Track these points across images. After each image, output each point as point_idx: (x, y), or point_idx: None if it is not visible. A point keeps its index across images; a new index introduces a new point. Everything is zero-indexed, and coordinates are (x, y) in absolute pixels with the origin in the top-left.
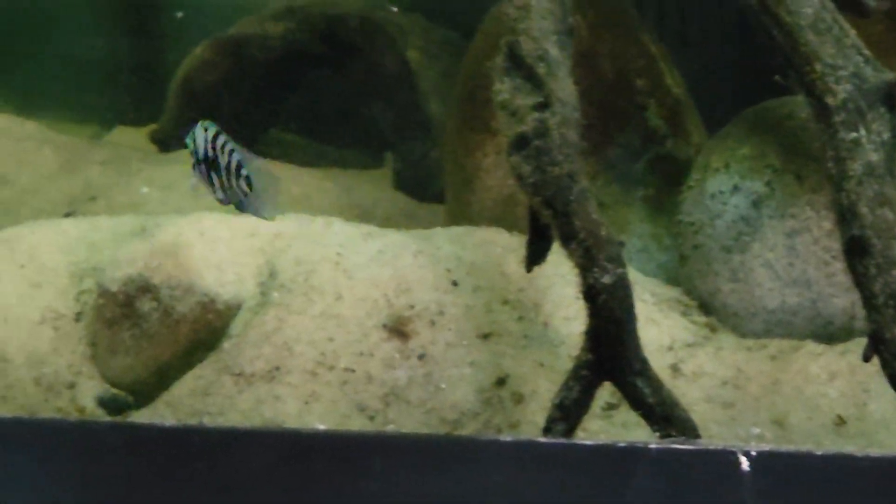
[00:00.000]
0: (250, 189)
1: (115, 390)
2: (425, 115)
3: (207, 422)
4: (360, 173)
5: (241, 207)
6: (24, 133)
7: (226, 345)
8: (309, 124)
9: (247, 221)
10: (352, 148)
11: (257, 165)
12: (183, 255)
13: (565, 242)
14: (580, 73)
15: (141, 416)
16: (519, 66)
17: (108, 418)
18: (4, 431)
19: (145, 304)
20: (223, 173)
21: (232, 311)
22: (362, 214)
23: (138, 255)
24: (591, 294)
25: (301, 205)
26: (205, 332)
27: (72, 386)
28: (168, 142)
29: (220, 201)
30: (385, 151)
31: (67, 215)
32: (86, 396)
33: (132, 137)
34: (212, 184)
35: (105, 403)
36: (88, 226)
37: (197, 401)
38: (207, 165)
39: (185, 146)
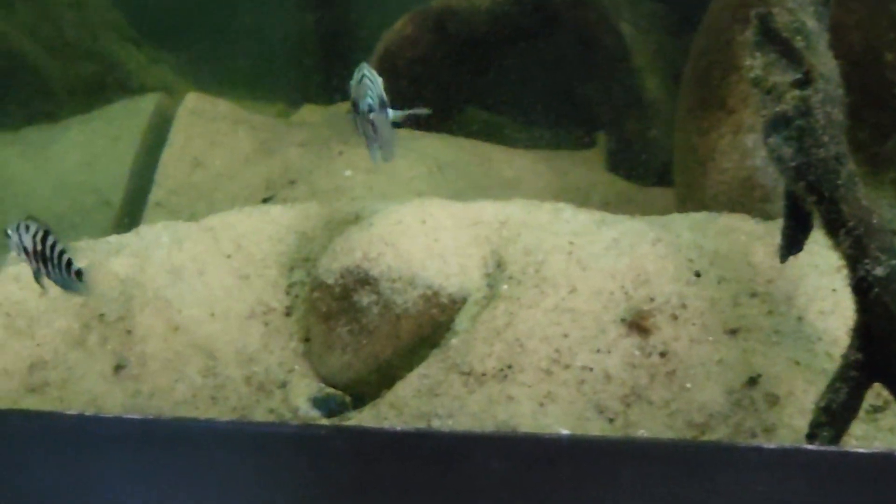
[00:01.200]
0: (374, 132)
1: (330, 389)
2: (640, 93)
3: (437, 425)
4: (571, 154)
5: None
6: (217, 113)
7: (453, 341)
8: (512, 102)
9: (470, 209)
10: (559, 127)
11: (384, 114)
12: (404, 245)
13: (831, 231)
14: None
15: (363, 419)
16: (773, 39)
17: (323, 420)
18: (220, 436)
19: (364, 298)
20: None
21: (457, 304)
22: (579, 198)
23: (356, 245)
24: (861, 287)
25: (514, 189)
26: (428, 327)
27: (283, 385)
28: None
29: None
30: (596, 131)
31: (266, 201)
32: (299, 396)
33: (321, 117)
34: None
35: (320, 404)
36: (297, 213)
37: (423, 402)
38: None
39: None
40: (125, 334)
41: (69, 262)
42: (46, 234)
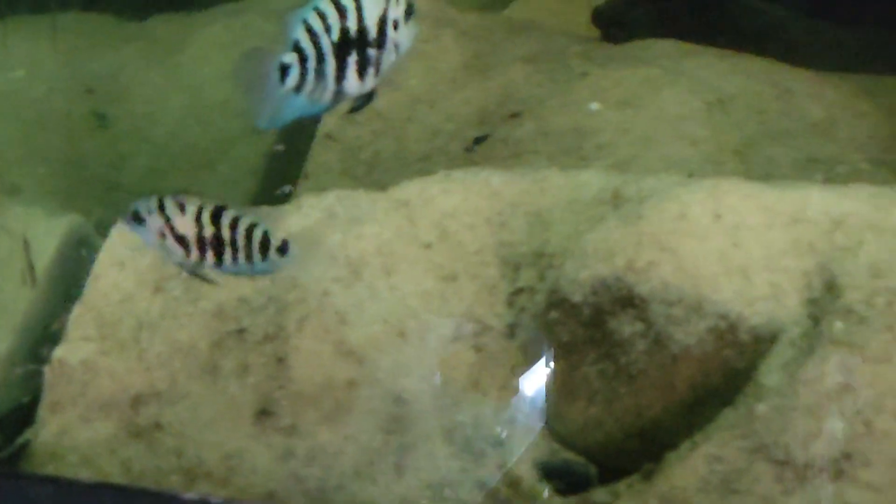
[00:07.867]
0: None
1: (568, 454)
2: None
3: None
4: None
5: None
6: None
7: (760, 407)
8: None
9: (788, 199)
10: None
11: None
12: (688, 251)
13: None
14: None
15: None
16: None
17: (557, 499)
18: None
19: (626, 326)
20: None
21: (763, 344)
22: None
23: (617, 246)
24: None
25: (825, 137)
26: (718, 375)
27: (500, 444)
28: (622, 23)
29: None
30: None
31: (478, 142)
32: (522, 461)
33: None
34: None
35: (553, 473)
36: (529, 184)
37: (714, 501)
38: None
39: None
40: (275, 363)
41: (265, 238)
42: (219, 211)
